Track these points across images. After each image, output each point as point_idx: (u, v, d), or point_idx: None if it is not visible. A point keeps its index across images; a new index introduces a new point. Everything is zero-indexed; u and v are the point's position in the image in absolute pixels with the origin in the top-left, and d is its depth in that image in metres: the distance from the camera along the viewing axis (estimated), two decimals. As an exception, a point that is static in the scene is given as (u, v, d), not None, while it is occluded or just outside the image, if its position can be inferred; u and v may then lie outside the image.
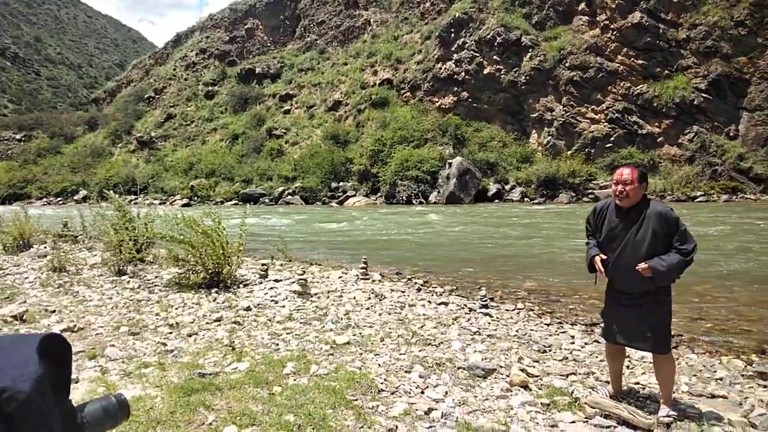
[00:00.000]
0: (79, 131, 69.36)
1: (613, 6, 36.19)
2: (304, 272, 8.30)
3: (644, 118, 34.23)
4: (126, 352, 4.99)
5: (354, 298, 7.41)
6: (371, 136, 40.94)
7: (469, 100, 41.00)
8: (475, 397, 4.02)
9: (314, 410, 3.57)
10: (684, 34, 34.20)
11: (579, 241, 14.17)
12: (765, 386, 4.48)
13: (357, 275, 9.10)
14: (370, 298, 7.37)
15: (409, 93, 45.18)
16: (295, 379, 4.22)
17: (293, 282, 8.10)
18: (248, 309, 6.62)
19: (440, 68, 42.89)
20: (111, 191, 10.03)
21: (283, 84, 57.65)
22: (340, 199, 36.72)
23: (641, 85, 34.63)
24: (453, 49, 42.65)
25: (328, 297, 7.46)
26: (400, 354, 4.97)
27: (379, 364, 4.66)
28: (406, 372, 4.49)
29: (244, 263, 9.45)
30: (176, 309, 6.69)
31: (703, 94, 32.42)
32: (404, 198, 33.65)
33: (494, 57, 40.27)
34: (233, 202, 38.49)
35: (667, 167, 32.19)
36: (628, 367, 4.85)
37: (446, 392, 4.08)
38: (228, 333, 5.58)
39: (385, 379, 4.28)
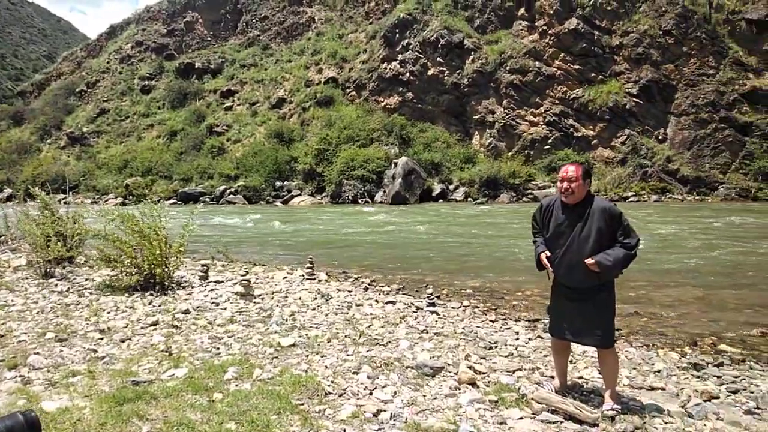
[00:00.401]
0: (3, 126, 64.84)
1: (551, 12, 37.46)
2: (247, 273, 8.03)
3: (580, 121, 35.61)
4: (52, 360, 4.63)
5: (300, 298, 7.23)
6: (316, 134, 40.52)
7: (414, 100, 41.35)
8: (424, 396, 3.97)
9: (257, 417, 3.40)
10: (617, 41, 35.85)
11: (520, 240, 14.53)
12: (698, 377, 4.68)
13: (303, 275, 8.91)
14: (316, 299, 7.22)
15: (355, 92, 45.06)
16: (237, 385, 4.03)
17: (235, 283, 7.83)
18: (187, 312, 6.32)
19: (385, 68, 43.02)
20: (38, 189, 9.38)
21: (224, 80, 56.09)
22: (285, 198, 36.12)
23: (577, 90, 36.02)
24: (398, 49, 42.89)
25: (272, 298, 7.25)
26: (348, 355, 4.86)
27: (326, 366, 4.53)
28: (354, 373, 4.38)
29: (183, 265, 9.05)
30: (108, 313, 6.30)
31: (635, 99, 34.10)
32: (350, 198, 33.51)
33: (438, 59, 40.80)
34: (171, 201, 37.08)
35: (600, 169, 33.61)
36: (571, 361, 4.93)
37: (395, 392, 4.01)
38: (165, 338, 5.28)
39: (332, 382, 4.16)
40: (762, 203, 27.97)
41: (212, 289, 7.66)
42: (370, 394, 3.98)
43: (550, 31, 37.36)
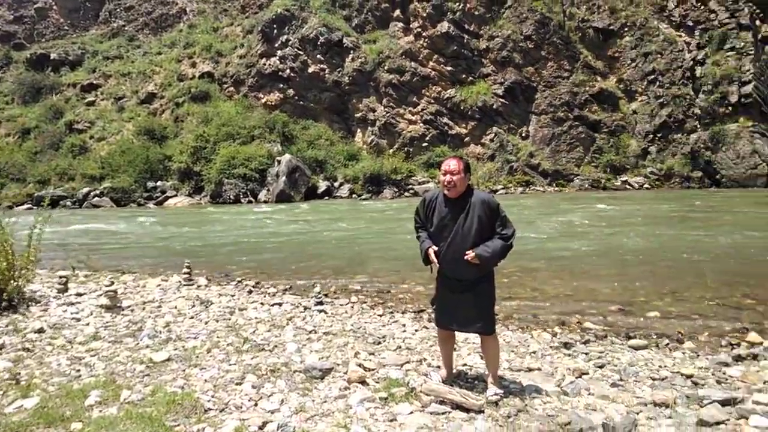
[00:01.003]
0: None
1: (425, 15, 38.82)
2: (114, 282, 7.29)
3: (453, 119, 37.39)
4: None
5: (176, 307, 6.72)
6: (192, 131, 38.29)
7: (296, 97, 40.73)
8: (313, 401, 3.83)
9: (127, 443, 3.05)
10: (484, 45, 38.11)
11: (403, 234, 14.85)
12: (569, 355, 5.03)
13: (179, 282, 8.32)
14: (194, 306, 6.75)
15: (233, 88, 43.32)
16: (100, 411, 3.60)
17: (100, 295, 7.08)
18: (41, 331, 5.58)
19: (264, 64, 41.85)
20: None
21: (85, 72, 51.01)
22: (159, 199, 33.75)
23: (450, 90, 37.76)
24: (277, 45, 41.92)
25: (143, 309, 6.66)
26: (230, 365, 4.57)
27: (206, 380, 4.22)
28: (237, 384, 4.12)
29: (37, 277, 8.02)
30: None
31: (501, 99, 36.52)
32: (231, 197, 32.17)
33: (318, 56, 40.55)
34: (26, 206, 32.98)
35: (473, 164, 35.57)
36: (455, 349, 5.07)
37: (282, 400, 3.82)
38: (12, 363, 4.60)
39: (212, 396, 3.87)
40: (610, 192, 31.36)
41: (72, 303, 6.87)
42: (255, 405, 3.76)
43: (424, 34, 38.72)
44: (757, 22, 34.73)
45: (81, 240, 15.93)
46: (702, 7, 35.37)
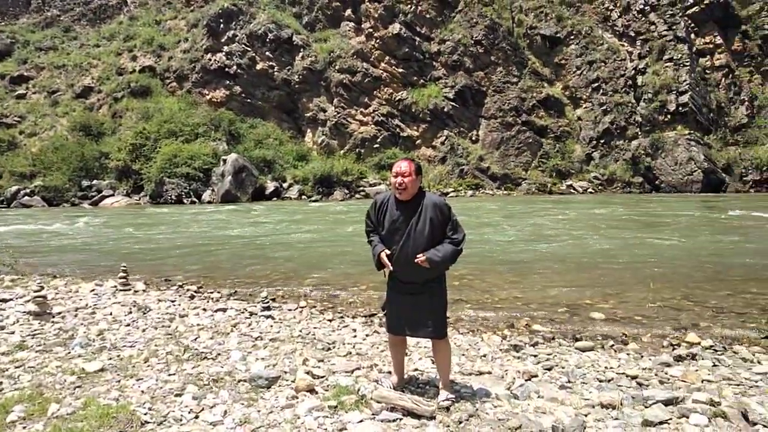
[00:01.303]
0: None
1: (376, 16, 38.84)
2: (43, 287, 6.81)
3: (405, 122, 37.57)
4: None
5: (111, 313, 6.34)
6: (131, 128, 36.77)
7: (243, 95, 39.84)
8: (259, 411, 3.65)
9: (51, 466, 2.78)
10: (435, 48, 38.51)
11: (354, 237, 14.74)
12: (518, 357, 5.05)
13: (115, 286, 7.88)
14: (131, 312, 6.38)
15: (176, 83, 41.92)
16: (25, 427, 3.30)
17: (28, 301, 6.60)
18: (-43, 341, 5.11)
19: (210, 59, 40.72)
20: None
21: (14, 64, 48.13)
22: (95, 199, 32.20)
23: (402, 92, 37.92)
24: (223, 40, 40.89)
25: (76, 315, 6.24)
26: (170, 374, 4.31)
27: (143, 391, 3.95)
28: (176, 395, 3.88)
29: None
30: None
31: (452, 103, 36.98)
32: (173, 197, 31.05)
33: (267, 53, 39.82)
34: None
35: (424, 167, 35.85)
36: (405, 354, 4.99)
37: (225, 412, 3.62)
38: None
39: (150, 409, 3.62)
40: (557, 196, 32.32)
41: (-5, 310, 6.36)
42: (197, 417, 3.54)
43: (375, 34, 38.72)
44: (692, 36, 36.71)
45: (7, 241, 14.94)
46: (643, 19, 37.07)
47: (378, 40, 38.61)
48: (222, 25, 41.17)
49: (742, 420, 3.35)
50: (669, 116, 34.15)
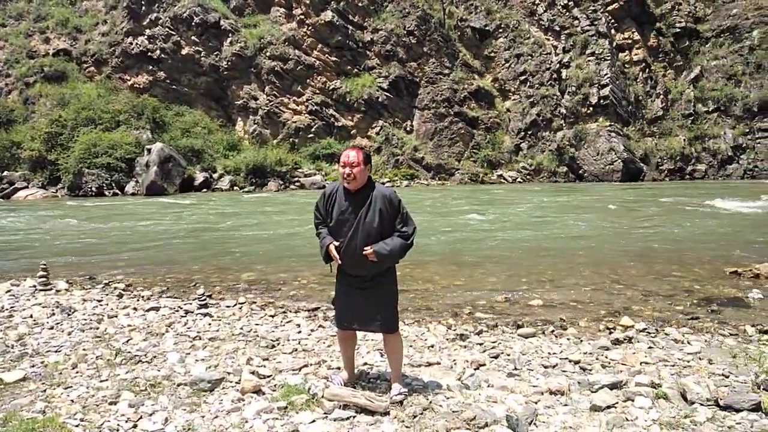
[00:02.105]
0: None
1: (308, 2, 38.07)
2: (-52, 290, 6.16)
3: (339, 111, 37.24)
4: None
5: (31, 316, 5.82)
6: (46, 115, 34.15)
7: (167, 81, 37.99)
8: (203, 417, 3.43)
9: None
10: (369, 37, 38.33)
11: (292, 228, 14.45)
12: (465, 347, 5.08)
13: (34, 286, 7.25)
14: (54, 314, 5.89)
15: (94, 68, 39.32)
16: (-69, 452, 2.92)
17: (-71, 306, 5.94)
18: None
19: (131, 43, 38.47)
20: None
21: None
22: (6, 192, 29.71)
23: (335, 81, 37.51)
24: (145, 23, 38.70)
25: (-12, 320, 5.68)
26: (102, 381, 3.99)
27: (73, 400, 3.63)
28: (111, 403, 3.59)
29: None
30: None
31: (386, 93, 37.00)
32: (94, 189, 29.19)
33: (192, 38, 38.09)
34: None
35: (360, 156, 35.74)
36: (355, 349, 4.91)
37: (166, 419, 3.38)
38: None
39: (82, 419, 3.33)
40: (488, 185, 33.22)
41: None
42: (135, 426, 3.29)
43: (307, 21, 37.99)
44: (612, 31, 38.64)
45: None
46: (567, 14, 38.58)
47: (310, 28, 37.91)
48: (144, 7, 38.95)
49: (681, 400, 3.52)
50: (591, 108, 35.86)
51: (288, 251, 11.07)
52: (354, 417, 3.43)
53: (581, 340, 5.21)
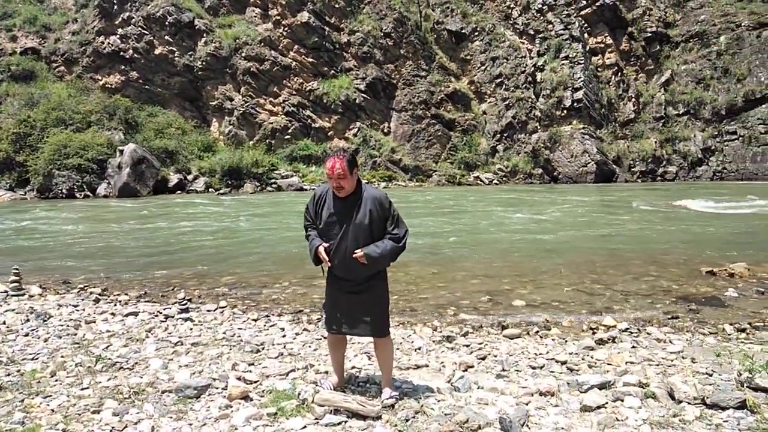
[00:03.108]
0: None
1: (284, 3, 37.78)
2: None
3: (316, 112, 37.03)
4: None
5: (4, 322, 5.62)
6: (13, 115, 33.13)
7: (140, 81, 37.24)
8: (191, 425, 3.35)
9: None
10: (345, 39, 38.23)
11: (270, 231, 14.30)
12: (452, 348, 5.07)
13: (6, 291, 7.01)
14: (29, 320, 5.70)
15: (64, 67, 38.33)
16: None
17: None
18: None
19: (102, 42, 37.61)
20: None
21: None
22: (-30, 194, 28.79)
23: (312, 82, 37.29)
24: (117, 22, 37.88)
25: (-42, 328, 5.46)
26: (83, 389, 3.87)
27: (53, 410, 3.51)
28: (94, 412, 3.48)
29: None
30: None
31: (363, 95, 36.94)
32: (64, 191, 28.41)
33: (166, 37, 37.43)
34: None
35: (337, 158, 35.57)
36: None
37: (153, 428, 3.29)
38: None
39: (64, 430, 3.22)
40: (465, 187, 33.43)
41: None
42: (120, 436, 3.19)
43: (283, 22, 37.69)
44: (586, 35, 39.30)
45: None
46: (541, 18, 39.09)
47: (286, 28, 37.62)
48: (116, 6, 38.13)
49: (669, 399, 3.56)
50: (565, 111, 36.38)
51: (267, 254, 10.94)
52: (345, 422, 3.39)
53: (566, 341, 5.26)
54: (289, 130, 36.20)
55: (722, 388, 3.58)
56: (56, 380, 4.05)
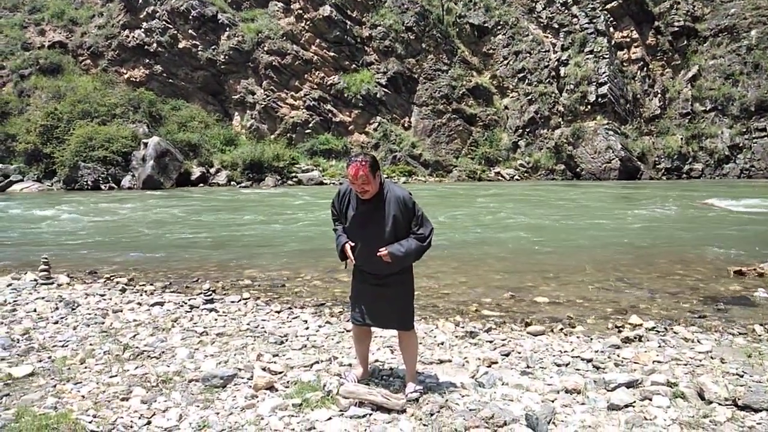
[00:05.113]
0: None
1: (307, -3, 37.89)
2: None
3: (337, 107, 37.10)
4: None
5: (35, 310, 5.75)
6: (41, 108, 33.87)
7: (164, 74, 37.73)
8: (218, 413, 3.39)
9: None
10: (367, 33, 38.18)
11: (291, 224, 14.39)
12: (475, 344, 5.04)
13: (36, 280, 7.18)
14: (58, 309, 5.82)
15: (90, 61, 39.02)
16: (-57, 448, 2.87)
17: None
18: None
19: (127, 36, 38.18)
20: None
21: None
22: (1, 185, 29.52)
23: (333, 76, 37.35)
24: (142, 16, 38.42)
25: (-8, 314, 5.61)
26: (112, 376, 3.94)
27: (84, 396, 3.58)
28: (123, 399, 3.54)
29: None
30: None
31: (384, 89, 36.89)
32: (89, 183, 29.00)
33: (190, 31, 37.85)
34: None
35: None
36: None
37: (181, 416, 3.34)
38: None
39: (95, 416, 3.28)
40: (485, 182, 33.20)
41: None
42: (149, 423, 3.25)
43: (305, 16, 37.79)
44: (611, 29, 38.65)
45: None
46: (566, 12, 38.53)
47: (308, 22, 37.71)
48: (140, 0, 38.65)
49: (699, 399, 3.50)
50: (589, 106, 35.87)
51: (289, 247, 11.01)
52: (370, 415, 3.39)
53: (591, 339, 5.19)
54: (310, 125, 36.33)
55: (754, 390, 3.49)
56: (86, 367, 4.13)
